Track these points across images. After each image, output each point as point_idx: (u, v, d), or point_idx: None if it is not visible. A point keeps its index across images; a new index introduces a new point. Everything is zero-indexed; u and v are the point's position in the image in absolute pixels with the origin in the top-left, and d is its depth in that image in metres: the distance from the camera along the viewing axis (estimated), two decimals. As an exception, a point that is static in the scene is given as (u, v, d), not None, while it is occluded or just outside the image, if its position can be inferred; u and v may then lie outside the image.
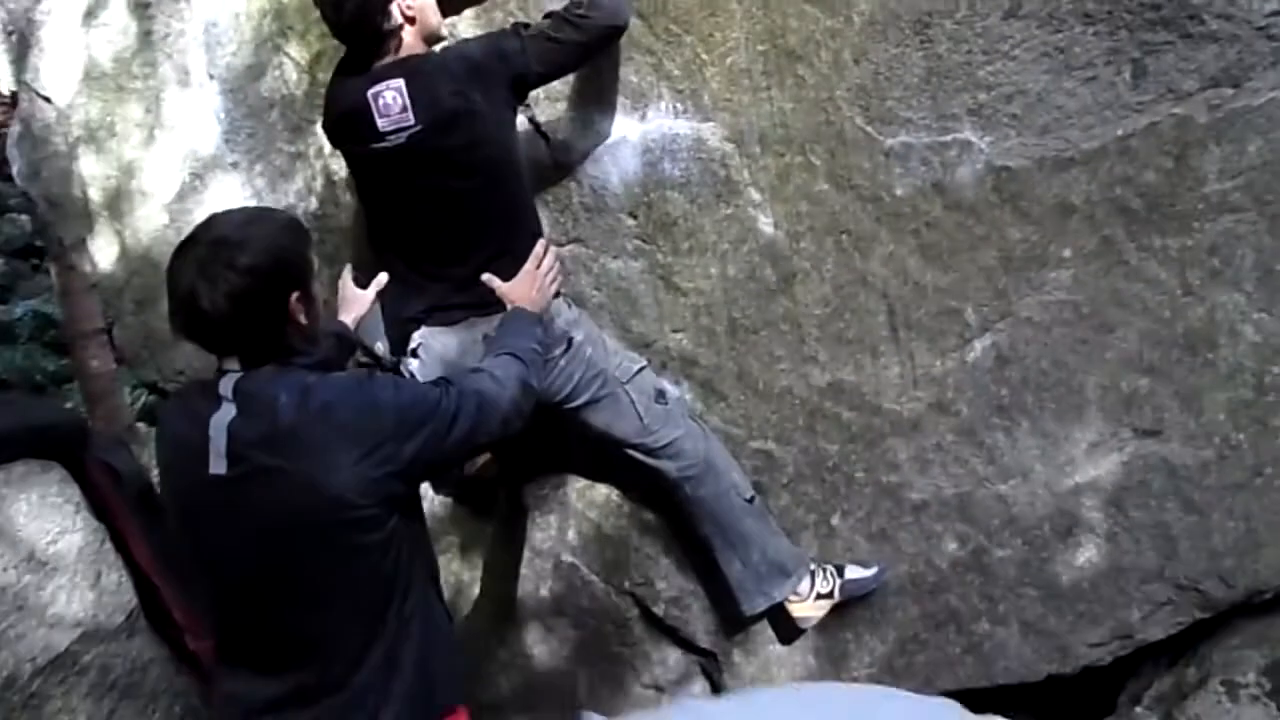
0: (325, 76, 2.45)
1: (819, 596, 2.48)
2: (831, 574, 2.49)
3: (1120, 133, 2.21)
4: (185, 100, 2.85)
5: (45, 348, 3.37)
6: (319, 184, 2.72)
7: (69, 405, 3.11)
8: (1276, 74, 2.17)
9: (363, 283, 2.27)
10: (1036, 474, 2.43)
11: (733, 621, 2.61)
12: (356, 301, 2.28)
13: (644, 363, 2.40)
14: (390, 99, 2.06)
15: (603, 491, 2.68)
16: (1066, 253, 2.29)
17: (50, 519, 1.87)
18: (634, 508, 2.64)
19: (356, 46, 2.13)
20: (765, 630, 2.67)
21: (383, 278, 2.25)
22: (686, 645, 2.72)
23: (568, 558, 2.73)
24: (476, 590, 3.00)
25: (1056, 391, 2.37)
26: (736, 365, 2.47)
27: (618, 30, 2.12)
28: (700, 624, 2.68)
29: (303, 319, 1.62)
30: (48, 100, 3.04)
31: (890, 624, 2.59)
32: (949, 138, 2.27)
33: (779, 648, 2.68)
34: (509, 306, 1.98)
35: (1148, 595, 2.46)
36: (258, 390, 1.56)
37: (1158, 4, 2.14)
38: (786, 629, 2.59)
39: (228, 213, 1.71)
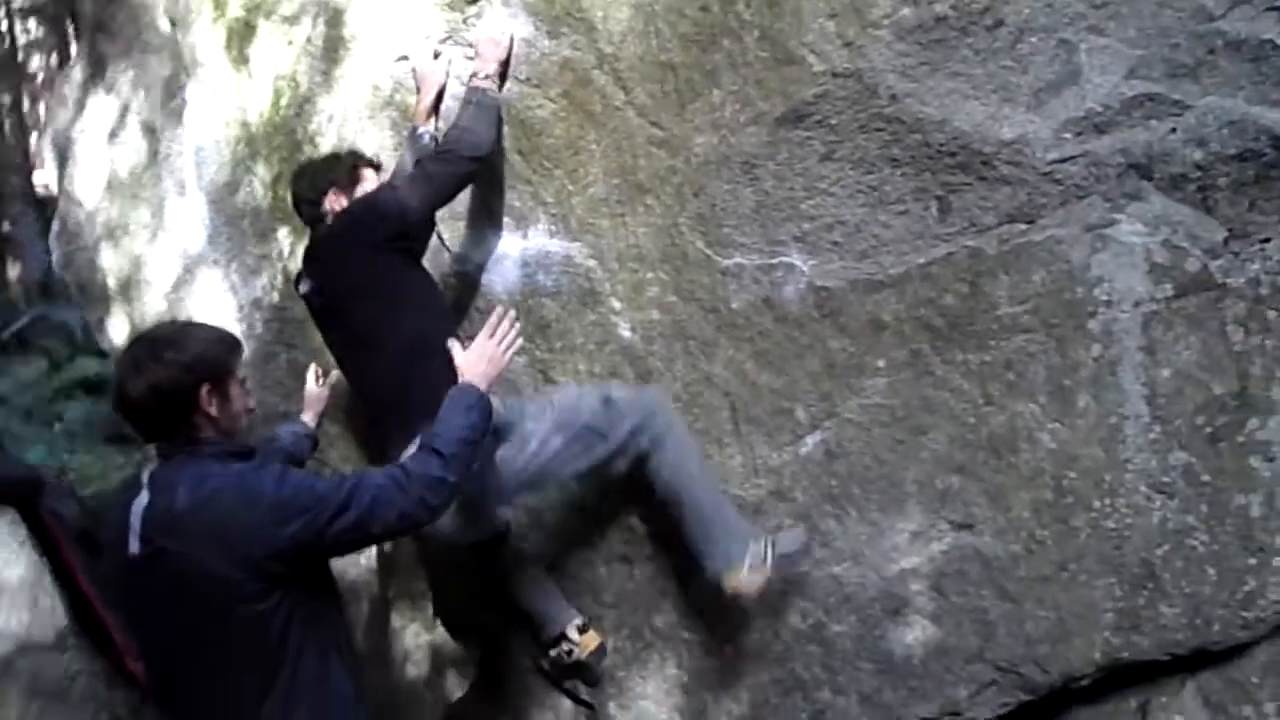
0: (283, 193, 2.97)
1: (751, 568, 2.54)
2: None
3: (923, 260, 2.52)
4: (181, 207, 3.41)
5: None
6: (279, 280, 3.23)
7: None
8: (1064, 213, 2.46)
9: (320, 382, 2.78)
10: (866, 558, 2.69)
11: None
12: (313, 400, 2.78)
13: (578, 394, 2.65)
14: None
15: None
16: (881, 363, 2.59)
17: (1, 550, 2.36)
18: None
19: None
20: (637, 686, 2.98)
21: (334, 375, 2.71)
22: (571, 696, 3.05)
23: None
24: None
25: (879, 485, 2.65)
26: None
27: (479, 160, 2.56)
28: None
29: (213, 410, 1.88)
30: (80, 203, 3.66)
31: (744, 687, 2.87)
32: (777, 260, 2.61)
33: (649, 704, 2.98)
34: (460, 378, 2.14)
35: (972, 675, 2.66)
36: (165, 479, 1.84)
37: (954, 151, 2.47)
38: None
39: (174, 321, 2.14)
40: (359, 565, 3.40)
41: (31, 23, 17.50)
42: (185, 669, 1.88)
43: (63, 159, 3.71)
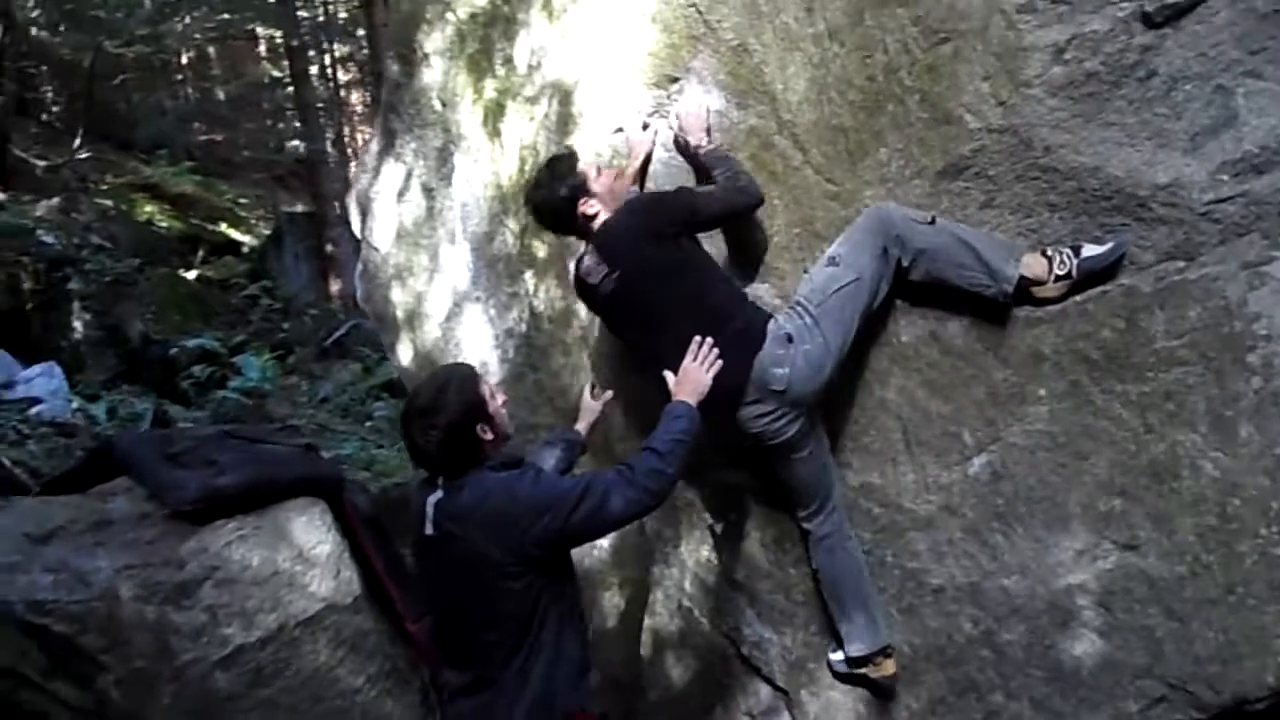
0: (530, 241, 3.58)
1: (1058, 279, 2.66)
2: (1068, 255, 2.64)
3: (1079, 297, 2.70)
4: (451, 254, 4.12)
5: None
6: (527, 315, 3.84)
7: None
8: (1222, 251, 2.56)
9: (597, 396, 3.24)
10: (1033, 571, 2.88)
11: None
12: (588, 411, 3.24)
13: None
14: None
15: (707, 554, 3.50)
16: (1042, 392, 2.78)
17: (314, 533, 3.10)
18: (729, 567, 3.43)
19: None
20: (826, 677, 3.31)
21: (608, 394, 3.21)
22: (769, 682, 3.44)
23: (686, 603, 3.58)
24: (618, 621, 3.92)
25: (1044, 505, 2.83)
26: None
27: (758, 201, 2.92)
28: (777, 666, 3.39)
29: (488, 436, 2.45)
30: (376, 249, 4.48)
31: (923, 685, 3.13)
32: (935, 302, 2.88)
33: (837, 694, 3.31)
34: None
35: (1142, 690, 2.77)
36: (456, 485, 2.43)
37: (1109, 195, 2.64)
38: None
39: (428, 380, 2.55)
40: (593, 556, 3.95)
41: (351, 65, 19.88)
42: (458, 625, 2.50)
43: (364, 213, 4.56)
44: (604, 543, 3.94)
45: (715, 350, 2.68)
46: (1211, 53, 2.51)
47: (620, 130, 3.30)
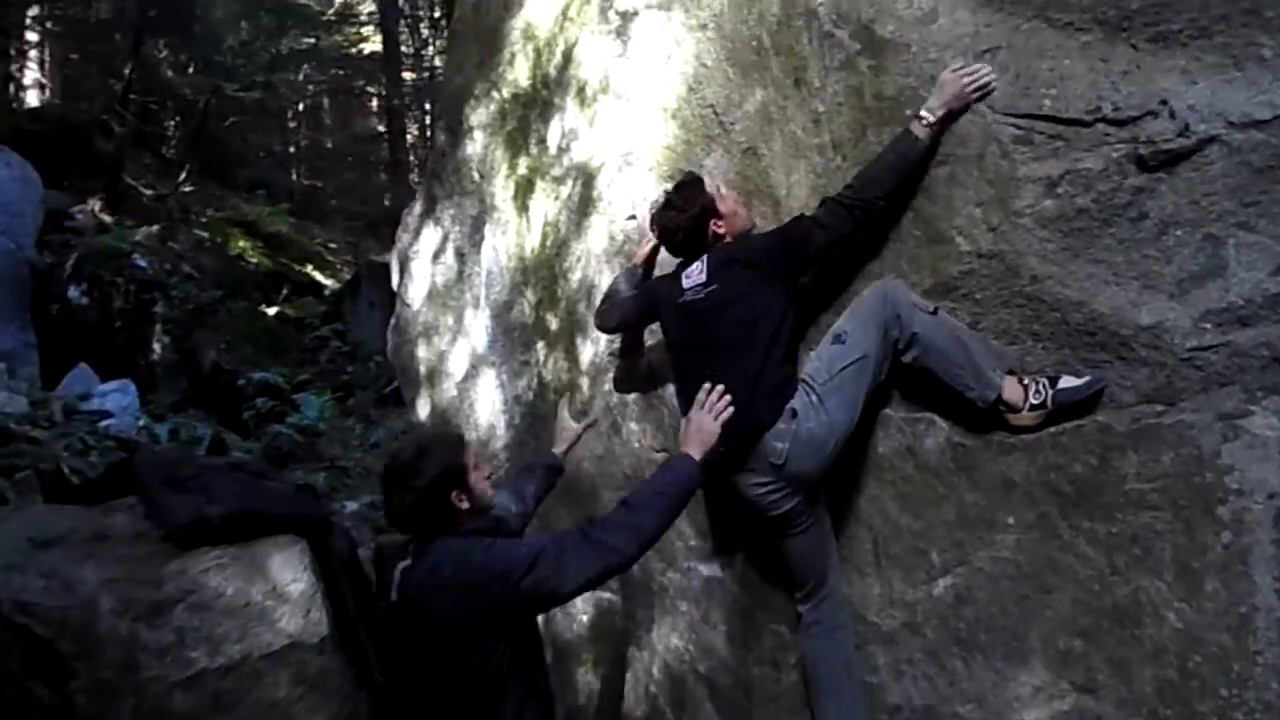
0: (545, 314, 3.69)
1: (1033, 408, 2.66)
2: (1044, 385, 2.65)
3: (1054, 429, 2.68)
4: (475, 317, 4.26)
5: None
6: (535, 384, 3.94)
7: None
8: (1202, 399, 2.53)
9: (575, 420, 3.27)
10: (990, 703, 2.81)
11: None
12: (567, 433, 3.25)
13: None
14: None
15: (677, 641, 3.49)
16: (1011, 520, 2.75)
17: (290, 570, 3.19)
18: (695, 658, 3.41)
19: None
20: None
21: (591, 418, 3.25)
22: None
23: (653, 688, 3.57)
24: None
25: (1005, 636, 2.78)
26: (761, 561, 3.20)
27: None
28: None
29: (464, 504, 2.45)
30: (409, 305, 4.65)
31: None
32: (920, 414, 2.89)
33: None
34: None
35: (1090, 842, 2.71)
36: (422, 551, 2.44)
37: (1093, 331, 2.64)
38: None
39: (414, 440, 2.65)
40: (572, 630, 3.97)
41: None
42: (422, 692, 2.51)
43: (402, 270, 4.75)
44: (583, 618, 3.96)
45: (728, 398, 2.67)
46: (1204, 201, 2.51)
47: (633, 218, 3.41)
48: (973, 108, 2.69)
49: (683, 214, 3.01)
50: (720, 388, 2.69)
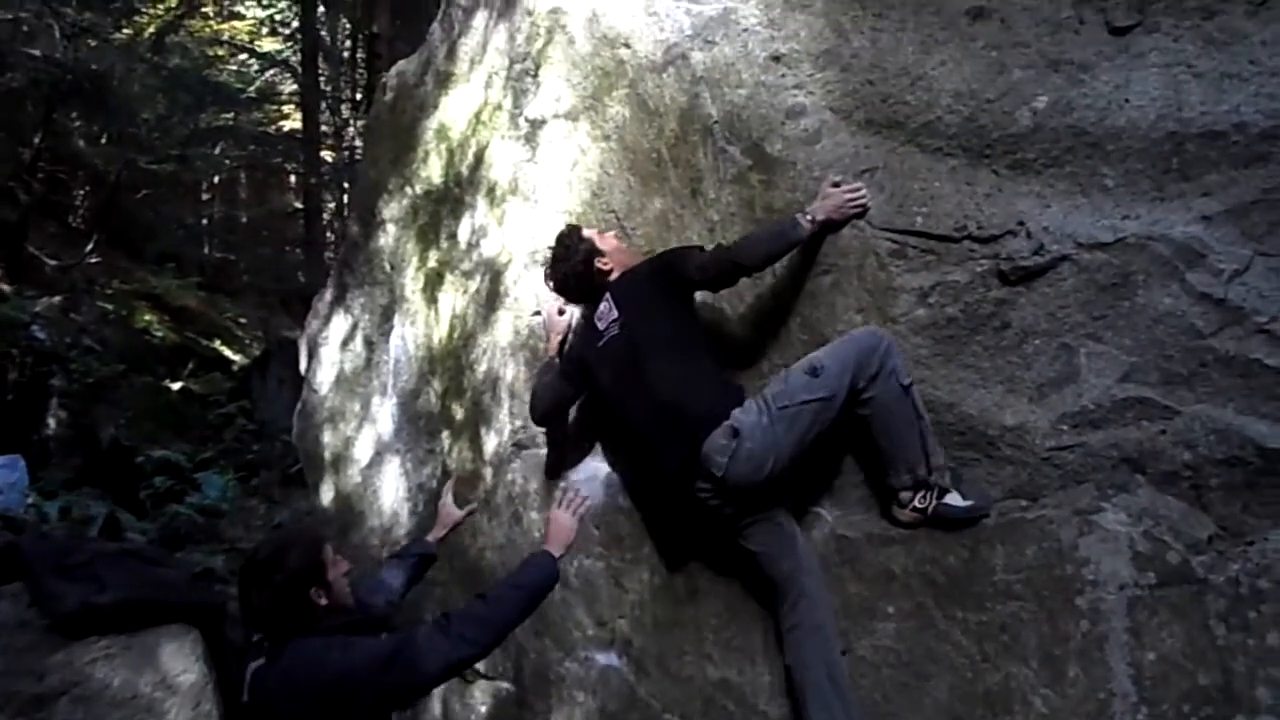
0: (450, 404, 3.76)
1: (915, 510, 2.81)
2: (934, 496, 2.78)
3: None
4: (382, 405, 4.31)
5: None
6: (439, 472, 3.99)
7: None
8: (1061, 495, 2.73)
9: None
10: (875, 793, 2.93)
11: None
12: (447, 518, 3.27)
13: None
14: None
15: None
16: (891, 609, 2.89)
17: (181, 661, 3.16)
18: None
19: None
20: None
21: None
22: None
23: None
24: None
25: (888, 723, 2.91)
26: (658, 650, 3.28)
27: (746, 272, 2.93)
28: None
29: (323, 601, 2.38)
30: (316, 390, 4.67)
31: None
32: (809, 510, 3.03)
33: None
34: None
35: None
36: (277, 652, 2.34)
37: (962, 430, 2.83)
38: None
39: (273, 536, 2.62)
40: (470, 721, 3.96)
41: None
42: None
43: (311, 355, 4.78)
44: (481, 709, 3.95)
45: (586, 497, 2.81)
46: (1059, 313, 2.74)
47: (538, 313, 3.54)
48: (853, 223, 2.90)
49: (568, 261, 3.19)
50: (575, 490, 2.82)
